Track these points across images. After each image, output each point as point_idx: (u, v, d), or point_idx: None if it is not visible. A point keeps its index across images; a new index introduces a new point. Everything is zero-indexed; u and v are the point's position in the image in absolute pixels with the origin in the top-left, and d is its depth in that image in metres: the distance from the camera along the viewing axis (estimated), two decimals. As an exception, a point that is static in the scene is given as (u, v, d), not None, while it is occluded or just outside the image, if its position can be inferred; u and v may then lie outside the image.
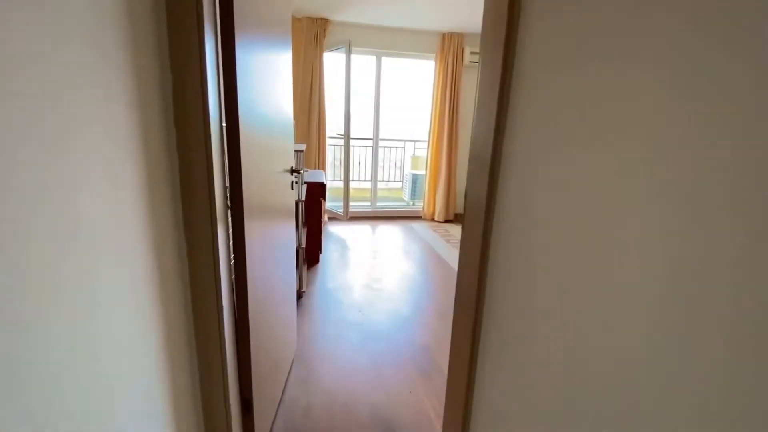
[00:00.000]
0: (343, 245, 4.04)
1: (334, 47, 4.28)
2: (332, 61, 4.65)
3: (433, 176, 5.06)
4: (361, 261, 3.60)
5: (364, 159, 6.46)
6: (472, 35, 4.80)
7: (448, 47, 4.68)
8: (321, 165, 4.57)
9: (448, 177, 4.98)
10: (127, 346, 0.72)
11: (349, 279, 3.17)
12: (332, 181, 6.14)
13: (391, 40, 4.68)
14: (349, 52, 4.08)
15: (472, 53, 4.71)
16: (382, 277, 3.25)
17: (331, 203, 4.98)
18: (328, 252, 3.78)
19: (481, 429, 1.03)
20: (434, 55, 4.79)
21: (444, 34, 4.66)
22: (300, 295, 2.82)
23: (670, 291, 0.52)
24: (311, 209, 3.32)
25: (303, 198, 2.69)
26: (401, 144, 6.49)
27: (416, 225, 4.91)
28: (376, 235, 4.43)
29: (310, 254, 3.41)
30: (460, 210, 5.36)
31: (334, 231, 4.53)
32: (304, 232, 3.03)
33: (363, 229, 4.68)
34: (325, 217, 4.83)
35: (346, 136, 4.29)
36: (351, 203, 5.10)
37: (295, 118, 4.35)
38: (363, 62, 5.24)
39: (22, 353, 0.48)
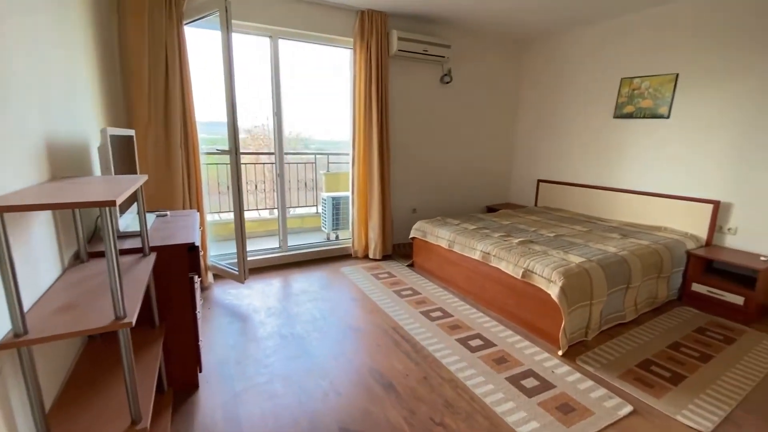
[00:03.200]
0: (241, 329, 2.50)
1: (199, 15, 2.73)
2: (203, 40, 3.07)
3: (362, 199, 3.80)
4: (276, 364, 2.14)
5: (263, 180, 4.87)
6: (400, 16, 3.71)
7: (370, 30, 3.50)
8: (194, 200, 2.94)
9: (382, 199, 3.77)
10: None
11: (258, 418, 1.71)
12: (213, 215, 4.44)
13: (291, 16, 3.31)
14: (226, 22, 2.59)
15: (401, 39, 3.60)
16: (321, 405, 1.86)
17: (217, 255, 3.35)
18: (215, 353, 2.22)
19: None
20: (352, 40, 3.56)
21: (363, 12, 3.47)
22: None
23: None
24: (172, 293, 1.77)
25: (148, 275, 1.18)
26: (311, 158, 5.09)
27: (347, 269, 3.58)
28: (295, 299, 2.98)
29: (177, 378, 1.84)
30: (399, 240, 4.19)
31: (224, 300, 2.93)
32: (159, 342, 1.49)
33: (271, 288, 3.17)
34: (208, 277, 3.17)
35: (234, 152, 2.77)
36: (250, 246, 3.54)
37: (137, 127, 2.67)
38: (253, 46, 3.75)
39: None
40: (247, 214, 4.83)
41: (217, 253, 3.39)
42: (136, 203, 1.84)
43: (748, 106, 2.83)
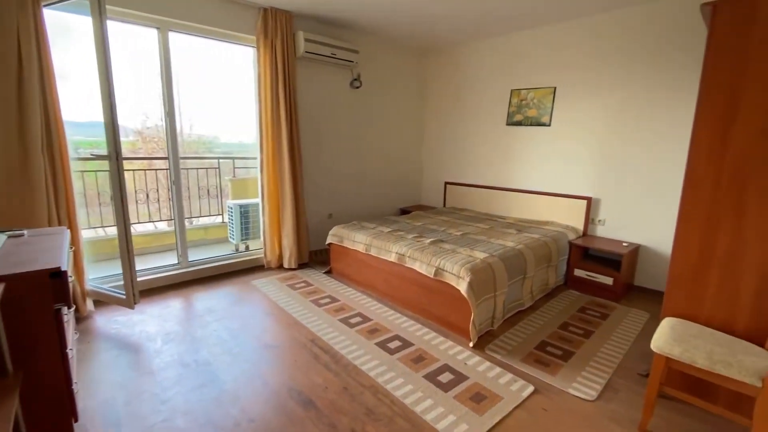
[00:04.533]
0: (132, 362, 2.17)
1: (64, -4, 2.31)
2: (68, 29, 2.61)
3: (273, 206, 3.61)
4: (176, 398, 1.89)
5: (156, 188, 4.34)
6: (307, 18, 3.61)
7: (274, 30, 3.34)
8: (63, 215, 2.46)
9: (295, 205, 3.62)
10: None
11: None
12: (89, 230, 3.84)
13: (183, 8, 3.00)
14: (99, 7, 2.23)
15: (308, 41, 3.51)
16: None
17: (100, 277, 2.87)
18: (98, 396, 1.89)
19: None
20: (255, 38, 3.36)
21: (266, 10, 3.30)
22: None
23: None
24: (33, 331, 1.45)
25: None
26: (215, 163, 4.67)
27: (260, 281, 3.36)
28: (199, 320, 2.69)
29: None
30: (316, 246, 4.07)
31: (109, 331, 2.52)
32: (14, 395, 1.19)
33: (169, 311, 2.81)
34: (87, 305, 2.70)
35: (115, 157, 2.39)
36: (143, 264, 3.12)
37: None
38: (139, 38, 3.31)
39: None
40: (141, 228, 4.26)
41: (101, 275, 2.91)
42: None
43: (610, 116, 3.37)
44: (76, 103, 2.68)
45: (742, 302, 1.68)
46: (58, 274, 1.48)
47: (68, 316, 1.74)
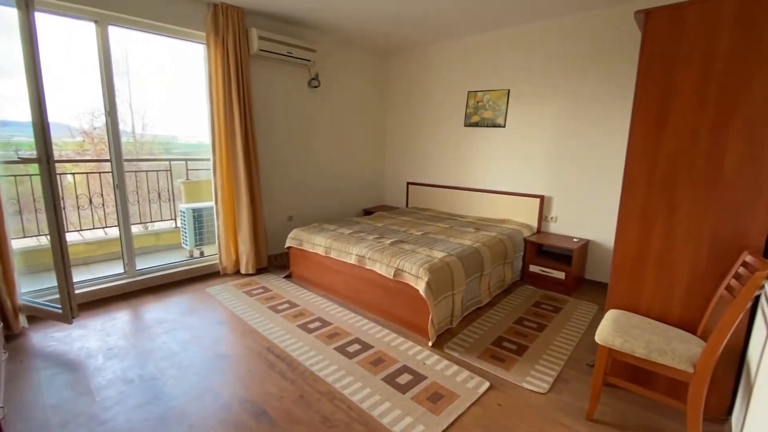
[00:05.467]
0: (69, 381, 2.00)
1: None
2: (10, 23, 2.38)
3: (228, 209, 3.47)
4: (118, 418, 1.77)
5: (100, 190, 4.06)
6: (260, 14, 3.50)
7: (225, 26, 3.22)
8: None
9: (252, 208, 3.50)
10: None
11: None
12: (20, 239, 3.55)
13: (123, 0, 2.81)
14: (23, -4, 2.05)
15: (261, 38, 3.41)
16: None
17: (35, 291, 2.65)
18: (29, 420, 1.73)
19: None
20: (204, 35, 3.22)
21: (216, 6, 3.17)
22: None
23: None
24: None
25: None
26: (165, 165, 4.43)
27: (215, 288, 3.22)
28: (147, 332, 2.53)
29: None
30: (275, 250, 3.97)
31: (45, 348, 2.32)
32: None
33: (114, 324, 2.63)
34: (20, 321, 2.47)
35: (45, 160, 2.20)
36: (87, 274, 2.91)
37: None
38: (76, 32, 3.09)
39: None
40: (90, 234, 3.98)
41: (37, 287, 2.68)
42: None
43: (560, 117, 3.51)
44: (21, 101, 2.44)
45: (675, 293, 1.80)
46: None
47: (-12, 336, 1.58)
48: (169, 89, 4.58)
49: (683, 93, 1.70)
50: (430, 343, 2.36)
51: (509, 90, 3.78)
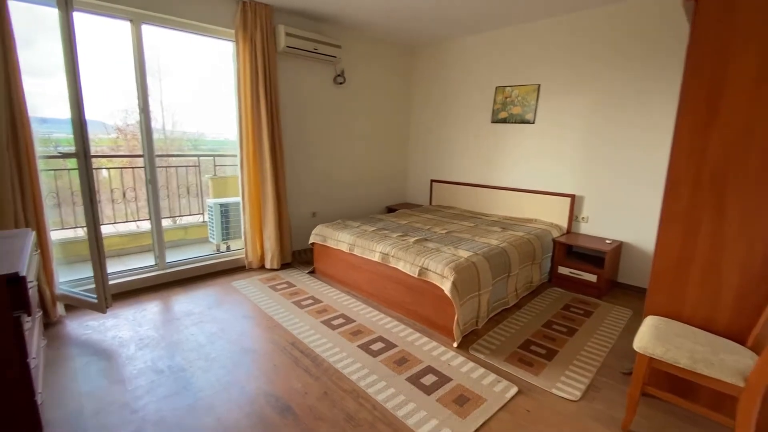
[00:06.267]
0: (102, 370, 2.07)
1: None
2: (37, 20, 2.47)
3: (254, 205, 3.51)
4: (149, 407, 1.81)
5: (133, 185, 4.19)
6: (285, 11, 3.52)
7: (253, 23, 3.24)
8: (31, 216, 2.33)
9: (277, 204, 3.54)
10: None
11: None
12: (59, 231, 3.70)
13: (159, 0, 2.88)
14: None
15: (289, 35, 3.42)
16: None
17: (73, 280, 2.75)
18: (65, 407, 1.79)
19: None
20: (233, 32, 3.26)
21: (245, 3, 3.20)
22: None
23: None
24: (-18, 342, 1.36)
25: None
26: (194, 161, 4.54)
27: (240, 283, 3.27)
28: (176, 324, 2.59)
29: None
30: (299, 246, 4.00)
31: (80, 336, 2.41)
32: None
33: (145, 315, 2.71)
34: (57, 310, 2.57)
35: (83, 155, 2.28)
36: (121, 266, 3.01)
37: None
38: (110, 31, 3.18)
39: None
40: (123, 227, 4.13)
41: (74, 277, 2.79)
42: None
43: (593, 113, 3.37)
44: (59, 99, 2.54)
45: (723, 300, 1.68)
46: (15, 280, 1.39)
47: (31, 323, 1.64)
48: (198, 87, 4.68)
49: (736, 86, 1.57)
50: (455, 344, 2.31)
51: (539, 85, 3.66)
